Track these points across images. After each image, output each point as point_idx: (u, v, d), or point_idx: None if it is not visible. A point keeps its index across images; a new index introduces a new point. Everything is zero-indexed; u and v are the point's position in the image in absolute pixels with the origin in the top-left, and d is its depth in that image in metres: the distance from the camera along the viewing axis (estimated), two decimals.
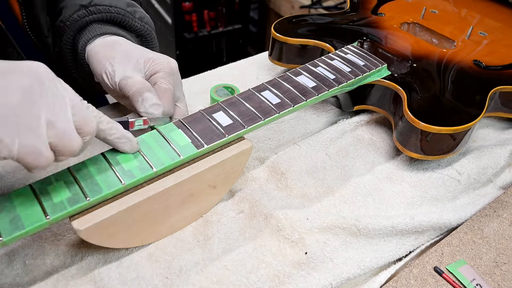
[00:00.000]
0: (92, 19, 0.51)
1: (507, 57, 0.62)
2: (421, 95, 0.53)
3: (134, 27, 0.54)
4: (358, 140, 0.57)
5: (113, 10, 0.52)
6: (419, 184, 0.51)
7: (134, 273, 0.40)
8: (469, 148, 0.57)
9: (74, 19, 0.51)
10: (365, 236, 0.45)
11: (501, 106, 0.59)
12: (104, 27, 0.51)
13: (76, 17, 0.51)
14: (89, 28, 0.51)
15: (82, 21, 0.51)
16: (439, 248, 0.45)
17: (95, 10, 0.51)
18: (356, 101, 0.59)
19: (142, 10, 0.57)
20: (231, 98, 0.47)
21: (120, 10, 0.53)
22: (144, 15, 0.56)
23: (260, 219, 0.46)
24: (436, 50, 0.62)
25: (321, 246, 0.43)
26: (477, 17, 0.73)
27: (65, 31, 0.52)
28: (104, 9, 0.52)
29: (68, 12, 0.52)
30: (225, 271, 0.41)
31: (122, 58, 0.47)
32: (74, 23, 0.51)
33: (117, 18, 0.53)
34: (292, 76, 0.51)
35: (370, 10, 0.71)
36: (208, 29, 1.96)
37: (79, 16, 0.51)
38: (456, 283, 0.42)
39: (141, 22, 0.55)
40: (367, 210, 0.48)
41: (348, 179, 0.51)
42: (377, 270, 0.44)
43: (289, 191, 0.49)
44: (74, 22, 0.51)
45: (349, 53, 0.57)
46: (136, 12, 0.55)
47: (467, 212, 0.49)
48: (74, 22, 0.51)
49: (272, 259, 0.42)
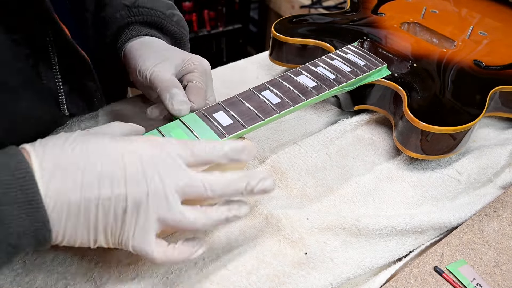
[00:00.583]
0: (133, 21, 0.53)
1: (507, 57, 0.62)
2: (421, 95, 0.53)
3: (171, 30, 0.56)
4: (358, 140, 0.57)
5: (153, 13, 0.54)
6: (419, 184, 0.51)
7: (134, 273, 0.40)
8: (469, 148, 0.57)
9: (116, 18, 0.53)
10: (365, 236, 0.45)
11: (501, 106, 0.59)
12: (143, 29, 0.53)
13: (118, 16, 0.53)
14: (129, 28, 0.53)
15: (124, 21, 0.53)
16: (439, 248, 0.45)
17: (137, 12, 0.53)
18: (356, 101, 0.59)
19: (179, 13, 0.59)
20: (231, 98, 0.47)
21: (160, 14, 0.54)
22: (180, 19, 0.58)
23: (260, 219, 0.46)
24: (436, 50, 0.62)
25: (321, 246, 0.43)
26: (477, 17, 0.73)
27: (106, 28, 0.54)
28: (145, 11, 0.54)
29: (112, 10, 0.53)
30: (225, 271, 0.41)
31: (156, 56, 0.48)
32: (116, 21, 0.53)
33: (156, 21, 0.54)
34: (292, 76, 0.51)
35: (370, 10, 0.71)
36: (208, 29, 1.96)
37: (121, 16, 0.53)
38: (456, 283, 0.42)
39: (177, 26, 0.57)
40: (367, 210, 0.48)
41: (348, 179, 0.51)
42: (377, 270, 0.44)
43: (289, 191, 0.49)
44: (116, 21, 0.53)
45: (349, 53, 0.57)
46: (174, 16, 0.56)
47: (467, 212, 0.49)
48: (115, 20, 0.53)
49: (272, 259, 0.42)
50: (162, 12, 0.55)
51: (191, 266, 0.41)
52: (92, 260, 0.41)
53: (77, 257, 0.41)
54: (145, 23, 0.54)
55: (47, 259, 0.41)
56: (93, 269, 0.40)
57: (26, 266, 0.40)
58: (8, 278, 0.39)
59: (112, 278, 0.40)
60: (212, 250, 0.43)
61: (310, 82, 0.50)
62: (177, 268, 0.41)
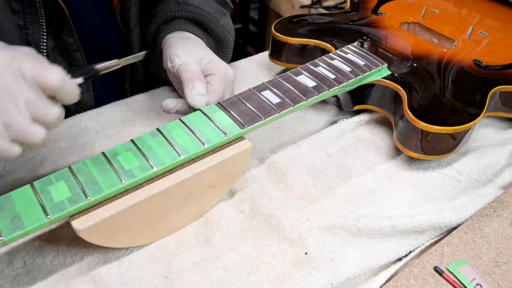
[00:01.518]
0: (179, 15, 0.56)
1: (507, 57, 0.62)
2: (421, 94, 0.53)
3: (215, 32, 0.59)
4: (358, 140, 0.57)
5: (200, 12, 0.57)
6: (419, 184, 0.51)
7: (134, 273, 0.40)
8: (469, 148, 0.57)
9: (165, 10, 0.56)
10: (365, 236, 0.45)
11: (501, 106, 0.59)
12: (187, 25, 0.56)
13: (167, 8, 0.56)
14: (174, 22, 0.56)
15: (172, 13, 0.56)
16: (439, 248, 0.45)
17: (185, 8, 0.56)
18: (356, 100, 0.59)
19: (228, 18, 0.61)
20: (231, 98, 0.47)
21: (206, 14, 0.57)
22: (227, 23, 0.60)
23: (260, 219, 0.46)
24: (436, 50, 0.62)
25: (321, 246, 0.43)
26: (477, 17, 0.73)
27: (155, 17, 0.57)
28: (193, 9, 0.57)
29: (163, 3, 0.57)
30: (225, 271, 0.41)
31: (189, 50, 0.51)
32: (164, 13, 0.56)
33: (202, 20, 0.57)
34: (293, 76, 0.51)
35: (371, 10, 0.71)
36: None
37: (170, 9, 0.56)
38: (456, 283, 0.42)
39: (223, 29, 0.59)
40: (367, 209, 0.48)
41: (348, 179, 0.51)
42: (377, 270, 0.44)
43: (289, 191, 0.49)
44: (164, 13, 0.56)
45: (349, 53, 0.57)
46: (221, 19, 0.59)
47: (467, 212, 0.49)
48: (164, 12, 0.56)
49: (272, 259, 0.42)
50: (208, 12, 0.57)
51: (191, 266, 0.41)
52: (92, 260, 0.41)
53: (77, 257, 0.41)
54: (192, 20, 0.57)
55: (47, 259, 0.41)
56: (93, 269, 0.40)
57: (26, 266, 0.40)
58: (8, 278, 0.39)
59: (112, 278, 0.40)
60: (213, 250, 0.43)
61: (310, 82, 0.50)
62: (177, 268, 0.41)
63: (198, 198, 0.44)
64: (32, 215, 0.34)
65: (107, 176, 0.37)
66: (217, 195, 0.46)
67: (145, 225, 0.41)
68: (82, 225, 0.36)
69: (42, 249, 0.42)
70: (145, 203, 0.38)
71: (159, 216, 0.41)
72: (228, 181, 0.46)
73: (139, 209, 0.38)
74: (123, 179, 0.37)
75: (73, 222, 0.36)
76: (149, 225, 0.41)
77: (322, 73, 0.52)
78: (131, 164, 0.39)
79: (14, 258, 0.41)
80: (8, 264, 0.40)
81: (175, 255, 0.42)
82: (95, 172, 0.38)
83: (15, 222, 0.33)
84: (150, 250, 0.42)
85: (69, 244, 0.42)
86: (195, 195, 0.43)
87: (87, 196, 0.36)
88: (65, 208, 0.35)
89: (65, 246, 0.42)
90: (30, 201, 0.35)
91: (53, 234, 0.43)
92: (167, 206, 0.41)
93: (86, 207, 0.36)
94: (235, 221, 0.46)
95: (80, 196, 0.36)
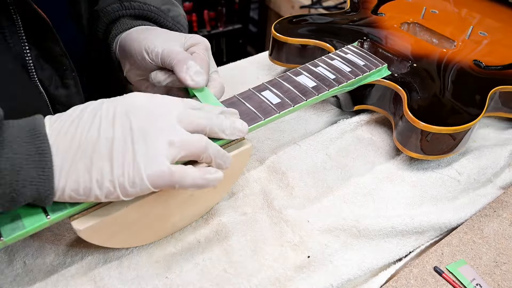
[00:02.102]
0: (124, 14, 0.53)
1: (507, 57, 0.62)
2: (421, 95, 0.53)
3: (165, 25, 0.56)
4: (358, 140, 0.57)
5: (146, 8, 0.54)
6: (419, 184, 0.51)
7: (134, 273, 0.40)
8: (469, 148, 0.57)
9: (107, 11, 0.53)
10: (365, 237, 0.45)
11: (501, 106, 0.59)
12: (135, 22, 0.53)
13: (110, 9, 0.53)
14: (120, 21, 0.53)
15: (115, 14, 0.53)
16: (439, 248, 0.45)
17: (129, 5, 0.53)
18: (356, 101, 0.59)
19: (179, 8, 0.58)
20: (231, 98, 0.47)
21: (153, 9, 0.54)
22: (178, 14, 0.57)
23: (261, 219, 0.46)
24: (436, 50, 0.62)
25: (322, 248, 0.43)
26: (477, 17, 0.73)
27: (99, 20, 0.54)
28: (137, 5, 0.54)
29: (104, 4, 0.54)
30: (226, 273, 0.41)
31: (161, 36, 0.49)
32: (108, 14, 0.53)
33: (149, 15, 0.54)
34: (292, 76, 0.51)
35: (370, 10, 0.71)
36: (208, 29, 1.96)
37: (112, 9, 0.53)
38: (456, 283, 0.42)
39: (173, 21, 0.56)
40: (367, 210, 0.48)
41: (348, 179, 0.51)
42: (377, 271, 0.44)
43: (290, 190, 0.49)
44: (108, 14, 0.53)
45: (349, 53, 0.57)
46: (170, 11, 0.56)
47: (467, 212, 0.49)
48: (107, 13, 0.53)
49: (273, 262, 0.42)
50: (155, 7, 0.55)
51: (191, 266, 0.41)
52: (92, 260, 0.41)
53: (77, 257, 0.41)
54: (138, 16, 0.54)
55: (47, 260, 0.41)
56: (93, 269, 0.40)
57: (26, 266, 0.40)
58: (8, 278, 0.39)
59: (112, 278, 0.40)
60: (213, 251, 0.43)
61: (310, 82, 0.50)
62: (177, 268, 0.41)
63: (198, 199, 0.44)
64: (32, 215, 0.34)
65: None
66: (217, 195, 0.46)
67: (145, 225, 0.41)
68: (82, 225, 0.36)
69: (42, 249, 0.42)
70: (145, 203, 0.38)
71: (159, 217, 0.41)
72: (228, 181, 0.46)
73: (139, 209, 0.38)
74: None
75: (73, 222, 0.36)
76: (149, 226, 0.41)
77: (322, 73, 0.52)
78: None
79: (14, 258, 0.41)
80: (8, 264, 0.40)
81: (175, 255, 0.42)
82: None
83: (15, 222, 0.33)
84: (150, 250, 0.42)
85: (69, 244, 0.42)
86: (195, 195, 0.43)
87: None
88: (65, 209, 0.35)
89: (65, 246, 0.42)
90: None
91: (53, 234, 0.43)
92: (167, 206, 0.41)
93: (86, 207, 0.36)
94: (235, 222, 0.46)
95: None
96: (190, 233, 0.44)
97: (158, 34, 0.50)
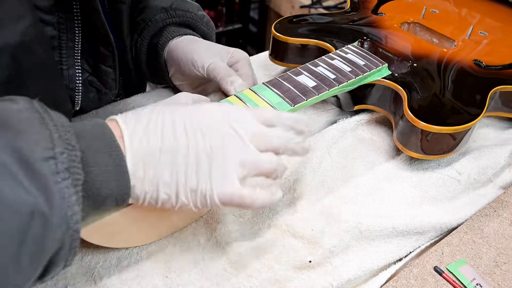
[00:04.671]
0: (170, 22, 0.58)
1: (508, 57, 0.62)
2: (422, 94, 0.53)
3: (202, 31, 0.61)
4: (358, 140, 0.57)
5: (188, 15, 0.59)
6: (419, 184, 0.51)
7: (134, 273, 0.40)
8: (469, 148, 0.57)
9: (156, 20, 0.57)
10: (366, 239, 0.45)
11: (502, 106, 0.59)
12: (181, 29, 0.59)
13: (158, 18, 0.58)
14: (168, 29, 0.58)
15: (162, 22, 0.58)
16: (439, 248, 0.45)
17: (175, 14, 0.58)
18: (357, 100, 0.59)
19: (203, 11, 0.63)
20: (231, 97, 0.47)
21: (193, 15, 0.60)
22: (208, 20, 0.63)
23: (261, 220, 0.46)
24: (436, 50, 0.62)
25: (322, 249, 0.43)
26: (477, 16, 0.72)
27: (146, 29, 0.58)
28: (182, 13, 0.59)
29: (151, 13, 0.58)
30: (226, 273, 0.41)
31: (206, 49, 0.55)
32: (155, 23, 0.58)
33: (190, 22, 0.60)
34: (293, 76, 0.51)
35: (371, 9, 0.71)
36: None
37: (160, 18, 0.58)
38: (456, 283, 0.42)
39: (207, 26, 0.62)
40: (367, 210, 0.48)
41: (349, 179, 0.51)
42: (377, 271, 0.44)
43: (290, 191, 0.49)
44: (155, 23, 0.58)
45: (349, 53, 0.57)
46: (204, 17, 0.62)
47: (467, 212, 0.49)
48: (155, 22, 0.58)
49: (273, 263, 0.42)
50: (195, 13, 0.60)
51: (191, 266, 0.41)
52: (92, 260, 0.41)
53: (77, 257, 0.41)
54: (181, 24, 0.59)
55: None
56: (93, 269, 0.40)
57: None
58: None
59: (112, 278, 0.40)
60: (213, 251, 0.43)
61: (310, 82, 0.50)
62: (177, 268, 0.41)
63: None
64: None
65: None
66: None
67: (145, 226, 0.41)
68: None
69: None
70: None
71: (159, 217, 0.41)
72: None
73: (139, 209, 0.38)
74: None
75: None
76: (149, 226, 0.41)
77: (322, 73, 0.52)
78: None
79: None
80: None
81: (175, 255, 0.42)
82: None
83: None
84: (150, 250, 0.42)
85: None
86: None
87: None
88: None
89: None
90: None
91: None
92: None
93: None
94: (235, 222, 0.46)
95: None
96: (190, 233, 0.44)
97: (205, 48, 0.55)
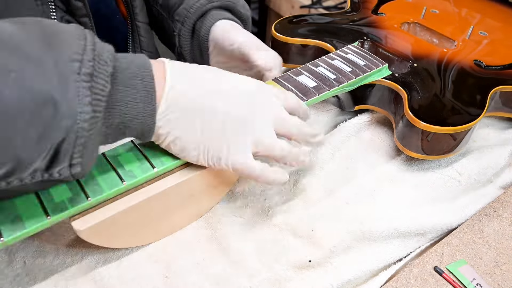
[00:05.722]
0: (211, 6, 0.60)
1: (508, 57, 0.62)
2: (422, 95, 0.53)
3: (240, 13, 0.62)
4: (358, 141, 0.57)
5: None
6: (420, 184, 0.51)
7: (134, 273, 0.40)
8: (470, 148, 0.57)
9: (197, 6, 0.60)
10: (368, 240, 0.45)
11: (502, 106, 0.59)
12: (222, 13, 0.60)
13: (199, 5, 0.60)
14: (210, 13, 0.60)
15: (204, 8, 0.60)
16: (439, 248, 0.45)
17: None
18: (357, 100, 0.59)
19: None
20: None
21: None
22: (244, 3, 0.64)
23: (261, 220, 0.46)
24: (436, 50, 0.62)
25: (323, 250, 0.43)
26: (477, 17, 0.72)
27: (189, 16, 0.60)
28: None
29: (192, 1, 0.60)
30: (226, 273, 0.41)
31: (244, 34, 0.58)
32: (198, 10, 0.60)
33: (230, 5, 0.61)
34: (293, 76, 0.51)
35: (371, 10, 0.71)
36: None
37: (201, 4, 0.60)
38: (456, 283, 0.42)
39: (243, 9, 0.63)
40: (369, 211, 0.48)
41: (349, 180, 0.51)
42: (377, 271, 0.44)
43: (292, 193, 0.49)
44: (198, 9, 0.60)
45: (349, 53, 0.57)
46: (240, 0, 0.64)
47: (467, 212, 0.49)
48: (198, 9, 0.60)
49: (273, 263, 0.42)
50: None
51: (191, 266, 0.41)
52: (92, 260, 0.41)
53: (77, 257, 0.41)
54: (221, 7, 0.61)
55: (47, 259, 0.41)
56: (93, 269, 0.40)
57: (26, 266, 0.40)
58: (8, 278, 0.39)
59: (112, 278, 0.40)
60: (213, 251, 0.43)
61: (311, 82, 0.50)
62: (177, 268, 0.41)
63: (198, 199, 0.44)
64: (33, 215, 0.34)
65: (107, 177, 0.37)
66: (218, 195, 0.46)
67: (145, 226, 0.41)
68: (82, 225, 0.36)
69: (42, 249, 0.42)
70: (145, 203, 0.38)
71: (159, 217, 0.41)
72: (228, 181, 0.46)
73: (139, 209, 0.38)
74: (124, 180, 0.37)
75: (73, 223, 0.36)
76: (149, 226, 0.41)
77: (323, 73, 0.52)
78: (132, 165, 0.39)
79: (14, 258, 0.41)
80: (8, 264, 0.40)
81: (175, 255, 0.42)
82: (96, 173, 0.38)
83: (15, 222, 0.33)
84: (150, 250, 0.42)
85: (69, 244, 0.42)
86: (195, 195, 0.43)
87: (88, 197, 0.36)
88: (65, 209, 0.35)
89: (65, 246, 0.42)
90: (31, 202, 0.35)
91: (53, 234, 0.43)
92: (167, 206, 0.41)
93: (87, 207, 0.36)
94: (235, 222, 0.46)
95: (81, 196, 0.36)
96: (190, 233, 0.44)
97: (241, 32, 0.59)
